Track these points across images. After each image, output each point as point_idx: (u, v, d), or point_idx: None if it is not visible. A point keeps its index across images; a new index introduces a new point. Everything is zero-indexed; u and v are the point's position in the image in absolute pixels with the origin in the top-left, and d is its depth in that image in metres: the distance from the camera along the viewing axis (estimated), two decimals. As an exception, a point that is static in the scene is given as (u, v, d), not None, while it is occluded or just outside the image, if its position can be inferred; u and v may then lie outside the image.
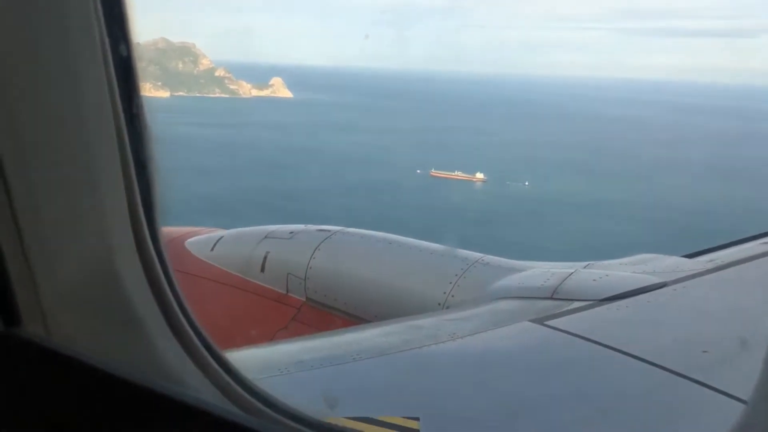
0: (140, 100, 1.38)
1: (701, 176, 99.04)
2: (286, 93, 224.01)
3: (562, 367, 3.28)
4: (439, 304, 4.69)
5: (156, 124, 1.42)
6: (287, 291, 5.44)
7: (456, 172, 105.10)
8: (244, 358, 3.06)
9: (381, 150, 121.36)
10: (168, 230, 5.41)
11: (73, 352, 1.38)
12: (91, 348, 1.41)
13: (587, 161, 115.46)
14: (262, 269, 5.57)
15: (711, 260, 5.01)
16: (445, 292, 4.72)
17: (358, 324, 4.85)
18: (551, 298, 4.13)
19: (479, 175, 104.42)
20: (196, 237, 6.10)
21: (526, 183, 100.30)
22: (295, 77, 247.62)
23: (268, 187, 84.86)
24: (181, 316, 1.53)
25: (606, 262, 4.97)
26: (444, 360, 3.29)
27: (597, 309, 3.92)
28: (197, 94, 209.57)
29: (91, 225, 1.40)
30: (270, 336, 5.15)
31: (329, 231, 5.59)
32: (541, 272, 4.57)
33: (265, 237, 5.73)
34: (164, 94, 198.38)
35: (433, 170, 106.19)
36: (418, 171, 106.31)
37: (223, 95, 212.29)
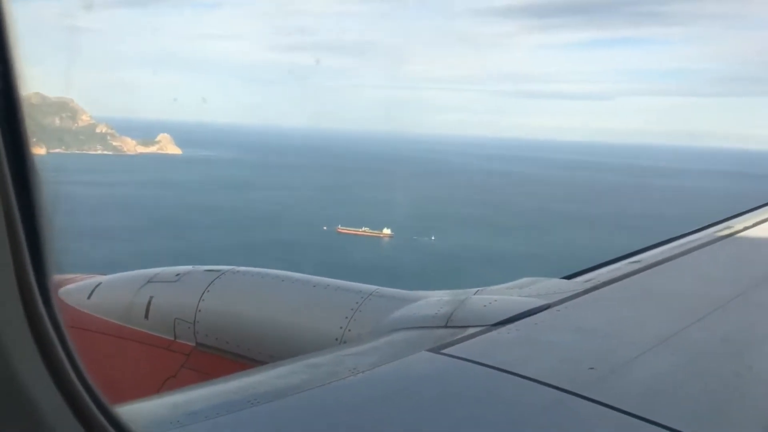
0: (30, 152, 1.30)
1: (593, 226, 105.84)
2: (174, 149, 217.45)
3: (461, 393, 3.34)
4: (336, 339, 4.64)
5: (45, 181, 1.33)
6: (175, 337, 5.20)
7: (363, 228, 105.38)
8: (131, 413, 2.77)
9: (284, 208, 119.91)
10: None
11: None
12: None
13: (486, 216, 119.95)
14: (146, 316, 5.29)
15: (587, 280, 5.27)
16: (341, 327, 4.68)
17: (253, 367, 4.54)
18: (446, 327, 4.20)
19: (386, 231, 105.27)
20: (71, 285, 5.70)
21: (432, 238, 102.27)
22: (182, 134, 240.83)
23: (171, 247, 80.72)
24: (85, 396, 1.43)
25: (494, 287, 5.11)
26: (346, 397, 3.27)
27: (489, 334, 4.05)
28: (77, 151, 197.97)
29: None
30: (158, 387, 4.88)
31: (219, 271, 5.38)
32: (434, 301, 4.62)
33: (149, 281, 5.45)
34: (39, 151, 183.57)
35: (339, 227, 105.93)
36: (325, 228, 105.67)
37: (105, 152, 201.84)
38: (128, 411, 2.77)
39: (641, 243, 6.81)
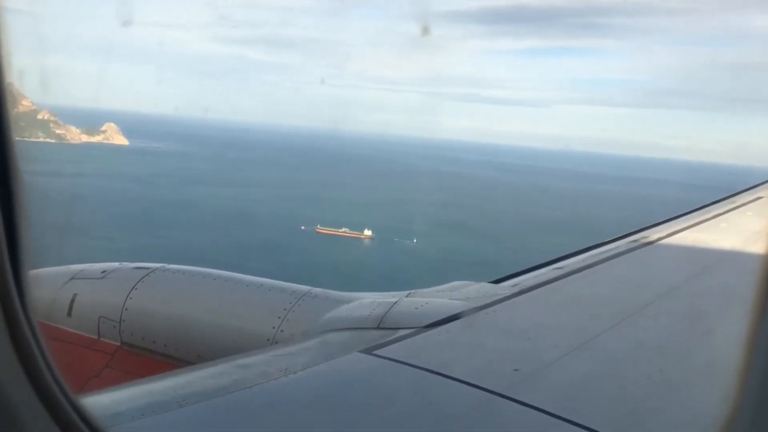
0: (12, 145, 1.22)
1: (554, 231, 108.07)
2: (120, 140, 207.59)
3: (392, 394, 3.42)
4: (269, 339, 4.62)
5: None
6: (99, 336, 5.08)
7: (343, 229, 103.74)
8: None
9: (254, 204, 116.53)
10: None
11: None
12: None
13: (460, 219, 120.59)
14: (69, 313, 5.15)
15: (514, 285, 5.45)
16: (274, 327, 4.66)
17: (181, 367, 4.51)
18: (378, 328, 4.26)
19: (367, 232, 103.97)
20: None
21: (414, 240, 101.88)
22: (127, 124, 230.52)
23: (146, 246, 76.71)
24: (58, 394, 1.43)
25: (425, 290, 5.20)
26: (278, 397, 3.30)
27: (420, 336, 4.14)
28: (16, 138, 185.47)
29: None
30: (80, 387, 4.60)
31: (148, 268, 5.28)
32: (368, 302, 4.67)
33: (72, 278, 5.33)
34: None
35: (318, 227, 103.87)
36: (303, 227, 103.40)
37: (48, 140, 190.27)
38: None
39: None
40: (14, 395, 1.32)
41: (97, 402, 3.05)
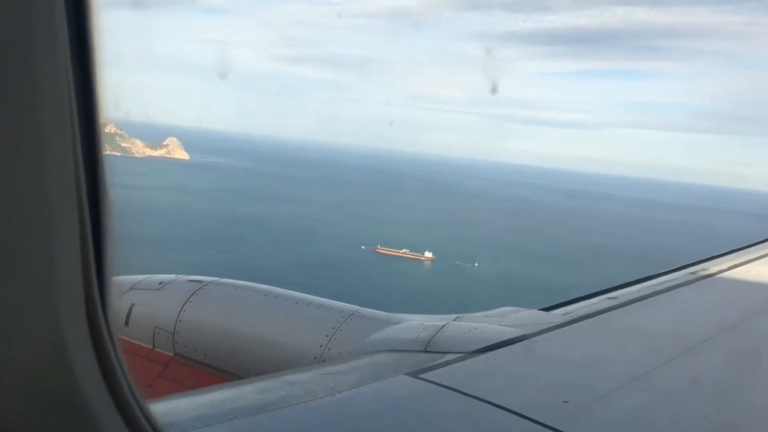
0: (104, 166, 1.27)
1: (616, 259, 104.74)
2: (182, 154, 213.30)
3: (437, 420, 3.38)
4: (315, 357, 4.63)
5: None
6: (153, 346, 5.21)
7: (403, 250, 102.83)
8: None
9: (314, 222, 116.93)
10: None
11: None
12: None
13: (522, 243, 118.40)
14: (126, 323, 5.27)
15: (566, 313, 5.26)
16: (321, 346, 4.67)
17: (230, 380, 4.70)
18: (425, 351, 4.19)
19: (428, 254, 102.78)
20: None
21: (476, 264, 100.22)
22: (187, 138, 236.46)
23: (208, 259, 77.31)
24: (133, 404, 1.45)
25: (473, 315, 5.08)
26: (322, 416, 3.30)
27: (468, 361, 4.05)
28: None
29: (43, 304, 1.27)
30: None
31: (202, 282, 5.37)
32: (415, 325, 4.61)
33: (131, 288, 5.44)
34: None
35: (379, 247, 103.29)
36: (363, 247, 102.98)
37: (114, 153, 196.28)
38: None
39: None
40: (96, 405, 1.36)
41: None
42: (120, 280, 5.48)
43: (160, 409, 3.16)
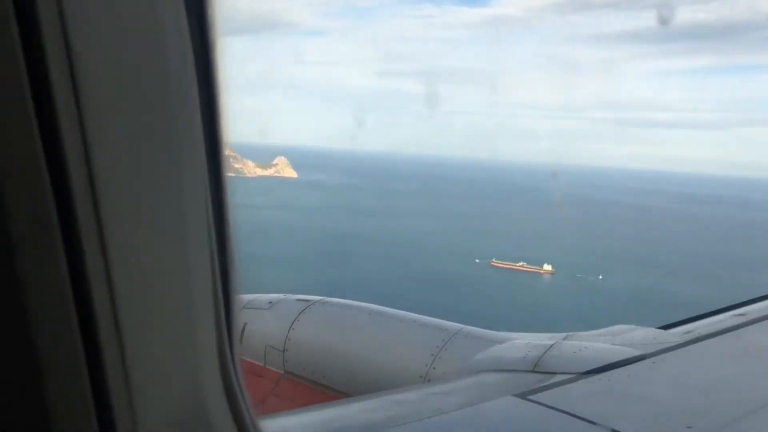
0: (228, 203, 1.27)
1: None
2: (290, 173, 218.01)
3: None
4: (421, 376, 4.63)
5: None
6: (265, 363, 5.31)
7: (520, 263, 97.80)
8: None
9: (425, 236, 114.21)
10: None
11: None
12: None
13: (648, 254, 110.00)
14: (240, 340, 5.08)
15: (687, 332, 4.99)
16: (426, 365, 4.66)
17: (338, 398, 4.74)
18: (533, 371, 4.10)
19: (547, 267, 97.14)
20: None
21: (600, 277, 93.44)
22: (296, 157, 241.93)
23: (331, 279, 75.88)
24: (251, 426, 1.44)
25: (584, 333, 4.90)
26: None
27: (579, 382, 3.93)
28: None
29: (185, 358, 1.27)
30: None
31: (309, 301, 5.49)
32: (522, 344, 4.52)
33: (243, 307, 5.53)
34: None
35: (493, 260, 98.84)
36: (477, 261, 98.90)
37: (228, 174, 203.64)
38: None
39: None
40: (219, 428, 1.35)
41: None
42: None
43: (272, 426, 3.24)
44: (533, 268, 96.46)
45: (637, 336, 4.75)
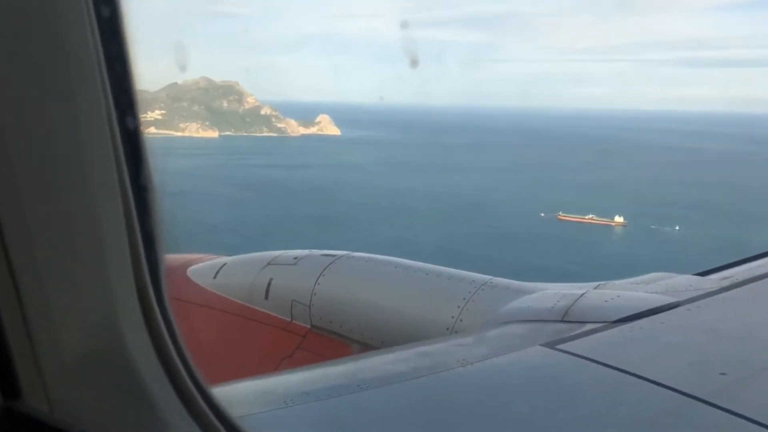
0: (144, 150, 1.31)
1: None
2: (333, 130, 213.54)
3: (576, 392, 3.26)
4: (447, 328, 4.61)
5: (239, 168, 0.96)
6: (292, 318, 5.31)
7: (589, 216, 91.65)
8: (248, 390, 3.11)
9: (485, 192, 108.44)
10: (169, 258, 4.83)
11: (75, 427, 1.33)
12: (96, 422, 1.36)
13: (723, 199, 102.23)
14: (266, 296, 5.42)
15: (725, 278, 4.90)
16: (453, 317, 4.64)
17: (364, 351, 4.79)
18: (562, 321, 4.04)
19: (618, 219, 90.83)
20: (199, 264, 5.98)
21: (677, 228, 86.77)
22: (338, 114, 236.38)
23: (394, 237, 71.09)
24: (190, 384, 1.47)
25: (617, 282, 4.79)
26: (455, 387, 3.28)
27: (609, 331, 3.87)
28: (244, 134, 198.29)
29: (96, 292, 1.34)
30: (275, 365, 5.08)
31: (334, 256, 5.47)
32: (551, 294, 4.48)
33: (269, 263, 5.58)
34: (213, 134, 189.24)
35: (560, 213, 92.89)
36: (542, 215, 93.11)
37: (271, 134, 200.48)
38: (244, 388, 3.09)
39: None
40: (151, 384, 1.39)
41: (286, 382, 3.35)
42: (259, 256, 5.72)
43: (298, 378, 3.42)
44: (604, 221, 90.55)
45: (673, 283, 4.63)
